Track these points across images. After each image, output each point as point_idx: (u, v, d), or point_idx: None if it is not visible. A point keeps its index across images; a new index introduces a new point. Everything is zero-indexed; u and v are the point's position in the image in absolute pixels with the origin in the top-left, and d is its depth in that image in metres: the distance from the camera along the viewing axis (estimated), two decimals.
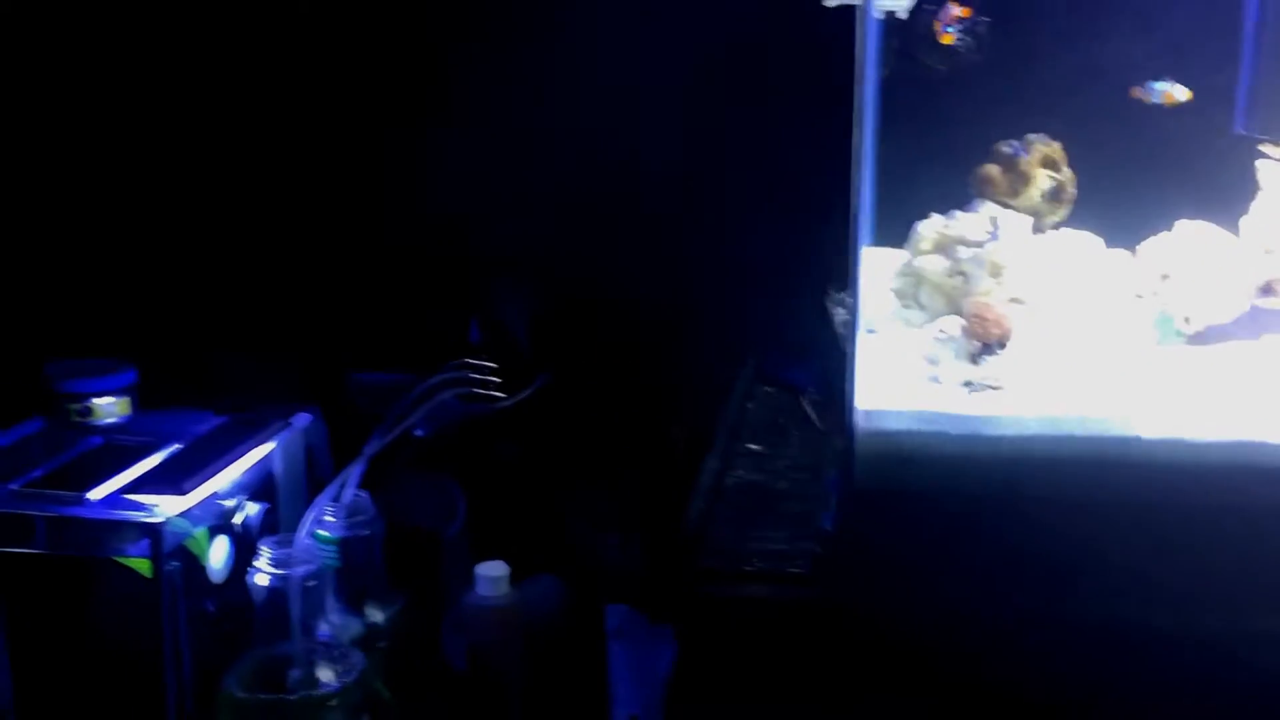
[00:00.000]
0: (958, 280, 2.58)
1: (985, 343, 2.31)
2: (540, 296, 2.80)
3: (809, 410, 2.62)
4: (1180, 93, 2.61)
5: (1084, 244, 2.71)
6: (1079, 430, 2.23)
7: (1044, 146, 2.67)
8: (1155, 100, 2.60)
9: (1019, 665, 2.19)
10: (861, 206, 2.16)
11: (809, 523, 2.32)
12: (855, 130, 2.11)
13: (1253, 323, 2.58)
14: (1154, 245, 2.64)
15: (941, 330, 2.34)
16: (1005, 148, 2.65)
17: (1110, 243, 2.76)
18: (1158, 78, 2.61)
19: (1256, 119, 2.84)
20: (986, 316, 2.32)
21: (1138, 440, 2.21)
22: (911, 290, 2.61)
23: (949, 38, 2.37)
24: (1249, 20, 2.82)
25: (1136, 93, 2.63)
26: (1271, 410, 2.23)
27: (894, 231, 2.69)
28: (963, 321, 2.35)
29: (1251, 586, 2.16)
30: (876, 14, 2.18)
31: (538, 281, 2.80)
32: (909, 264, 2.61)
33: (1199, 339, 2.52)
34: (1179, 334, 2.51)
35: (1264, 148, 2.71)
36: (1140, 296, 2.64)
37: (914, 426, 2.24)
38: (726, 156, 2.79)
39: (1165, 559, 2.17)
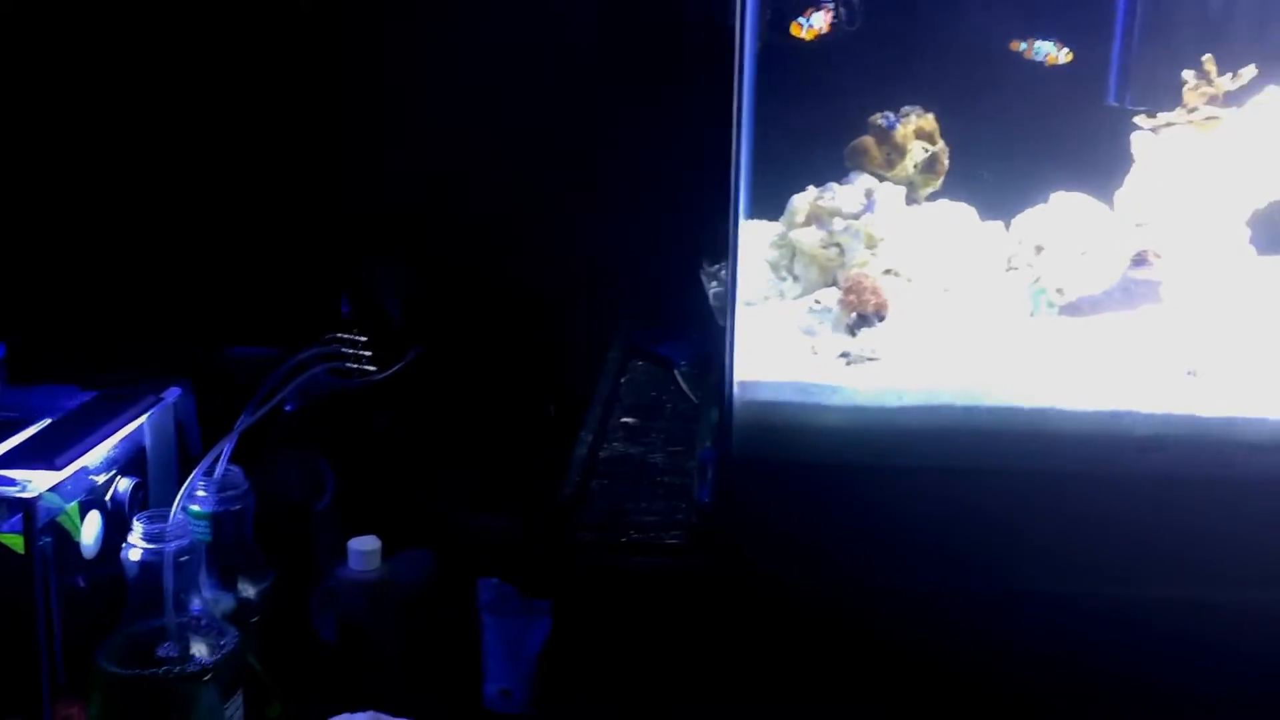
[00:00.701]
0: (833, 252, 2.52)
1: (861, 314, 2.25)
2: (413, 271, 2.71)
3: (682, 383, 2.56)
4: (1063, 55, 2.57)
5: (959, 215, 2.67)
6: (954, 401, 2.17)
7: (918, 118, 2.62)
8: (1038, 58, 2.56)
9: (895, 633, 2.16)
10: (739, 179, 2.09)
11: (684, 495, 2.26)
12: (734, 103, 2.04)
13: (1125, 294, 2.56)
14: (1028, 217, 2.60)
15: (817, 302, 2.28)
16: (879, 120, 2.59)
17: (985, 214, 2.71)
18: (1045, 36, 2.58)
19: (1129, 91, 2.82)
20: (863, 288, 2.26)
21: (1012, 410, 2.16)
22: (787, 262, 2.55)
23: (811, 32, 2.31)
24: None
25: (1018, 45, 2.59)
26: (1141, 379, 2.20)
27: (770, 204, 2.62)
28: (839, 293, 2.28)
29: (1126, 552, 2.12)
30: None
31: (410, 256, 2.72)
32: (784, 236, 2.54)
33: (1072, 310, 2.48)
34: (1051, 305, 2.47)
35: (1137, 120, 2.70)
36: (1015, 268, 2.61)
37: (790, 398, 2.17)
38: (600, 130, 2.71)
39: (1040, 527, 2.13)
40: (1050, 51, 2.57)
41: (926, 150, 2.60)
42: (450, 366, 2.64)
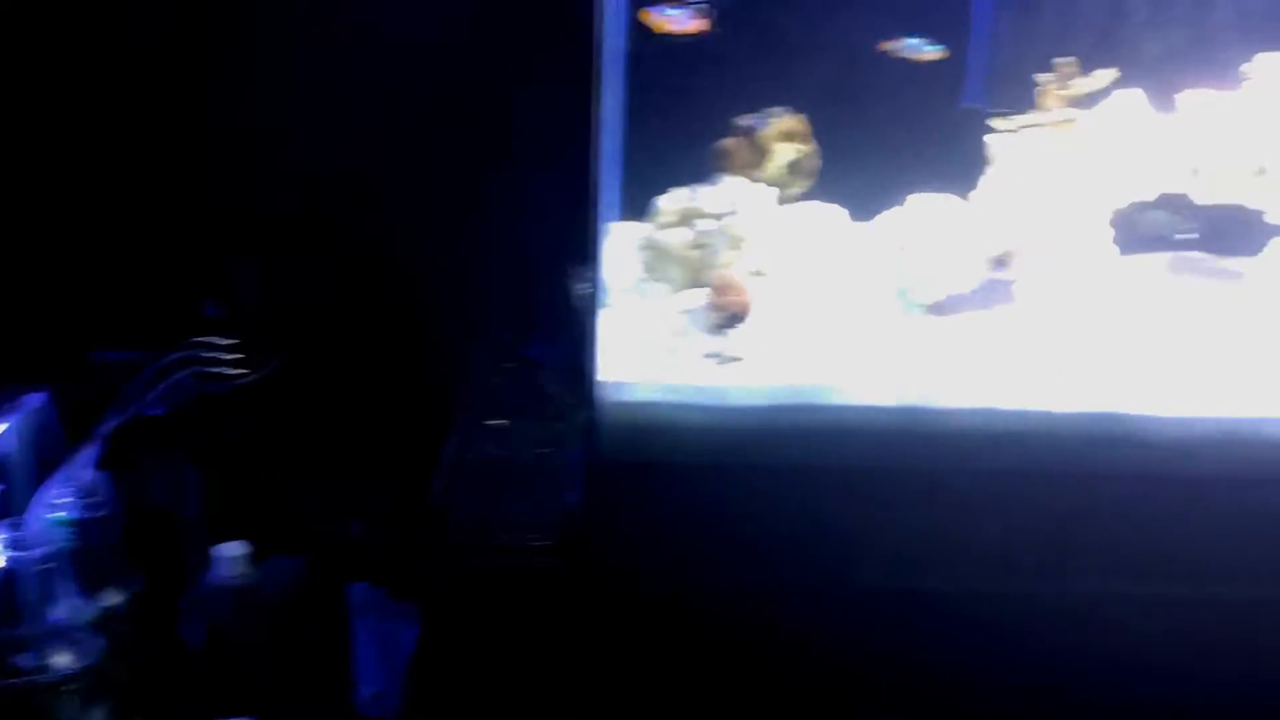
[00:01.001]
0: (700, 253, 2.51)
1: (727, 315, 2.24)
2: (280, 274, 2.65)
3: (551, 385, 2.54)
4: (933, 51, 2.59)
5: (826, 216, 2.68)
6: (819, 400, 2.18)
7: (785, 120, 2.62)
8: (909, 55, 2.58)
9: (764, 630, 2.16)
10: (602, 180, 2.08)
11: (553, 496, 2.24)
12: (594, 104, 2.02)
13: (987, 293, 2.58)
14: (893, 217, 2.61)
15: (682, 302, 2.27)
16: (745, 121, 2.58)
17: (853, 215, 2.72)
18: (912, 34, 2.60)
19: (988, 93, 2.85)
20: (729, 289, 2.26)
21: (876, 409, 2.18)
22: (654, 263, 2.53)
23: (666, 24, 2.29)
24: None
25: (887, 46, 2.61)
26: (1002, 377, 2.22)
27: (639, 206, 2.59)
28: (706, 294, 2.27)
29: (989, 547, 2.15)
30: None
31: (278, 259, 2.65)
32: (651, 237, 2.53)
33: (937, 309, 2.50)
34: (916, 305, 2.49)
35: (996, 120, 2.73)
36: (880, 268, 2.62)
37: (657, 398, 2.16)
38: (471, 132, 2.67)
39: (904, 523, 2.15)
40: (921, 48, 2.59)
41: (794, 152, 2.60)
42: (319, 370, 2.59)
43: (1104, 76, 2.59)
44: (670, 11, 2.28)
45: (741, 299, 2.25)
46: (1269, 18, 2.66)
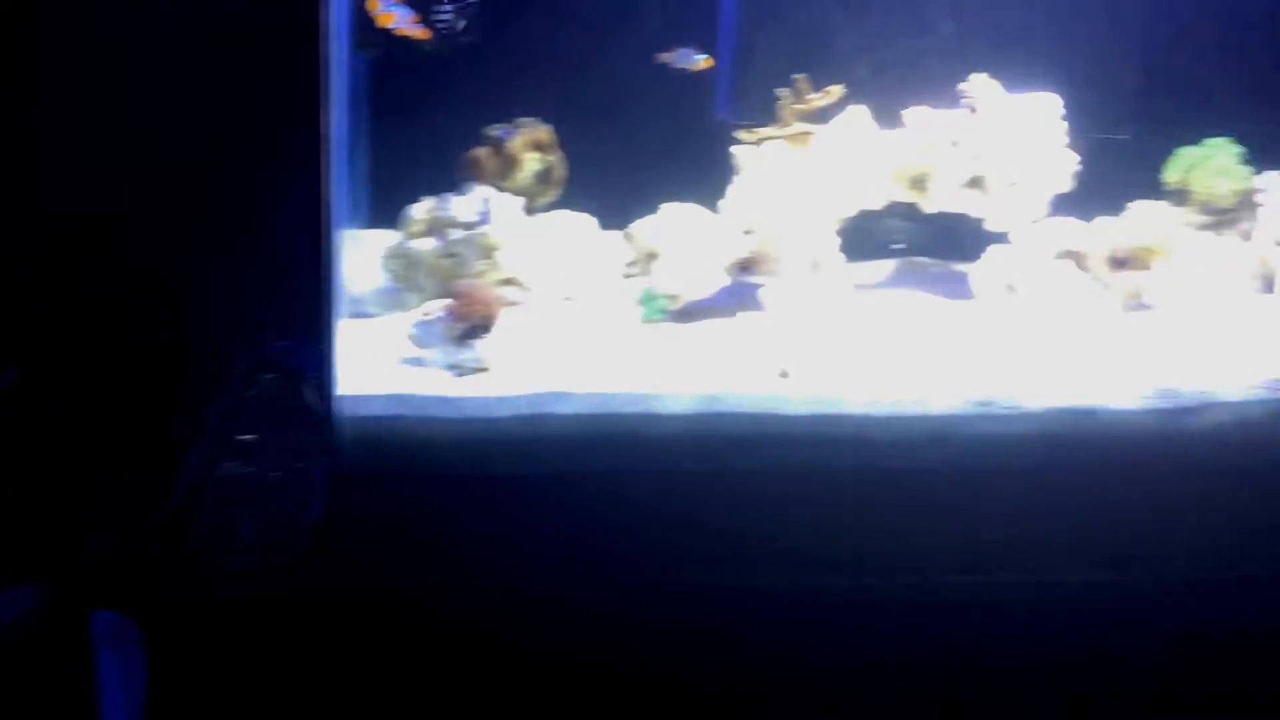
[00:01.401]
0: (450, 262, 2.47)
1: (471, 324, 2.19)
2: (12, 289, 2.50)
3: (309, 396, 2.45)
4: (703, 61, 2.60)
5: (577, 225, 2.67)
6: (562, 409, 2.14)
7: (533, 130, 2.59)
8: (682, 65, 2.59)
9: (519, 641, 2.12)
10: (334, 186, 2.00)
11: (299, 514, 2.16)
12: (322, 113, 1.95)
13: (731, 298, 2.60)
14: (642, 226, 2.61)
15: (426, 313, 2.21)
16: (494, 131, 2.55)
17: (603, 224, 2.72)
18: (683, 44, 2.60)
19: (736, 106, 2.88)
20: (472, 298, 2.20)
21: (615, 416, 2.15)
22: (406, 272, 2.48)
23: (388, 18, 2.24)
24: (725, 13, 2.86)
25: (664, 58, 2.61)
26: (739, 380, 2.22)
27: (391, 214, 2.55)
28: (448, 303, 2.22)
29: (730, 544, 2.14)
30: None
31: (10, 274, 2.50)
32: (401, 246, 2.48)
33: (683, 315, 2.51)
34: (661, 311, 2.49)
35: (741, 133, 2.75)
36: (630, 275, 2.62)
37: (399, 411, 2.11)
38: (207, 141, 2.57)
39: (650, 524, 2.13)
40: (692, 58, 2.60)
41: (542, 161, 2.58)
42: (58, 387, 2.44)
43: (834, 92, 2.64)
44: (394, 7, 2.22)
45: (486, 309, 2.20)
46: (981, 41, 2.76)
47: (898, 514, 2.16)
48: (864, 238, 2.81)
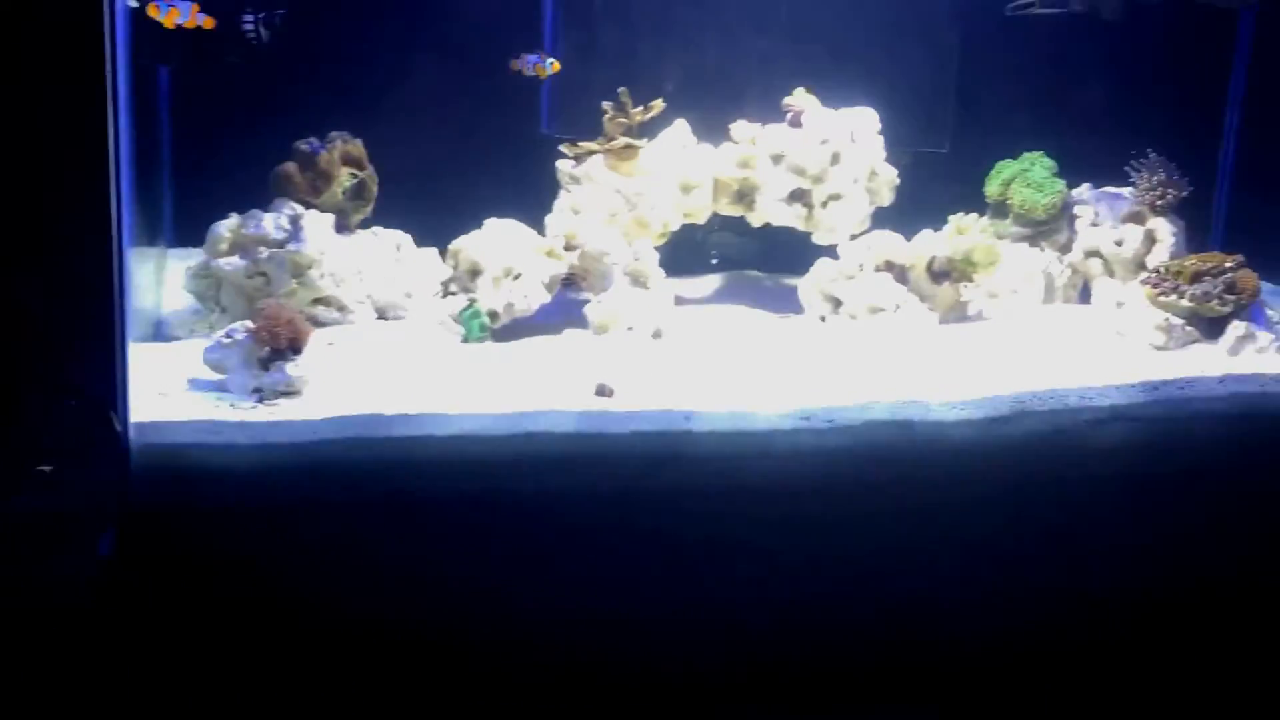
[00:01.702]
0: (259, 281, 2.35)
1: (276, 347, 2.07)
2: None
3: (103, 424, 2.30)
4: (550, 66, 2.53)
5: (394, 241, 2.56)
6: (369, 433, 2.02)
7: (345, 144, 2.47)
8: (531, 71, 2.51)
9: (312, 675, 2.00)
10: (121, 204, 1.87)
11: (91, 547, 2.01)
12: (109, 131, 1.81)
13: (557, 314, 2.53)
14: (464, 242, 2.52)
15: (228, 335, 2.08)
16: (304, 145, 2.42)
17: (423, 240, 2.62)
18: (531, 51, 2.53)
19: (558, 121, 2.81)
20: (276, 320, 2.07)
21: (425, 439, 2.04)
22: (212, 293, 2.36)
23: (172, 15, 2.11)
24: (548, 29, 2.79)
25: (516, 65, 2.52)
26: (557, 398, 2.15)
27: (198, 232, 2.41)
28: (250, 325, 2.09)
29: (540, 568, 2.08)
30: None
31: None
32: (206, 265, 2.35)
33: (506, 332, 2.42)
34: (483, 329, 2.40)
35: (565, 147, 2.68)
36: (452, 293, 2.52)
37: (199, 439, 1.97)
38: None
39: (472, 554, 2.05)
40: (539, 63, 2.53)
41: (354, 176, 2.47)
42: None
43: (656, 106, 2.59)
44: (175, 3, 2.10)
45: (294, 330, 2.08)
46: (801, 56, 2.75)
47: (722, 528, 2.11)
48: (694, 252, 2.78)
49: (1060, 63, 2.94)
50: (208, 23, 2.13)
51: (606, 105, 2.59)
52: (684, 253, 2.74)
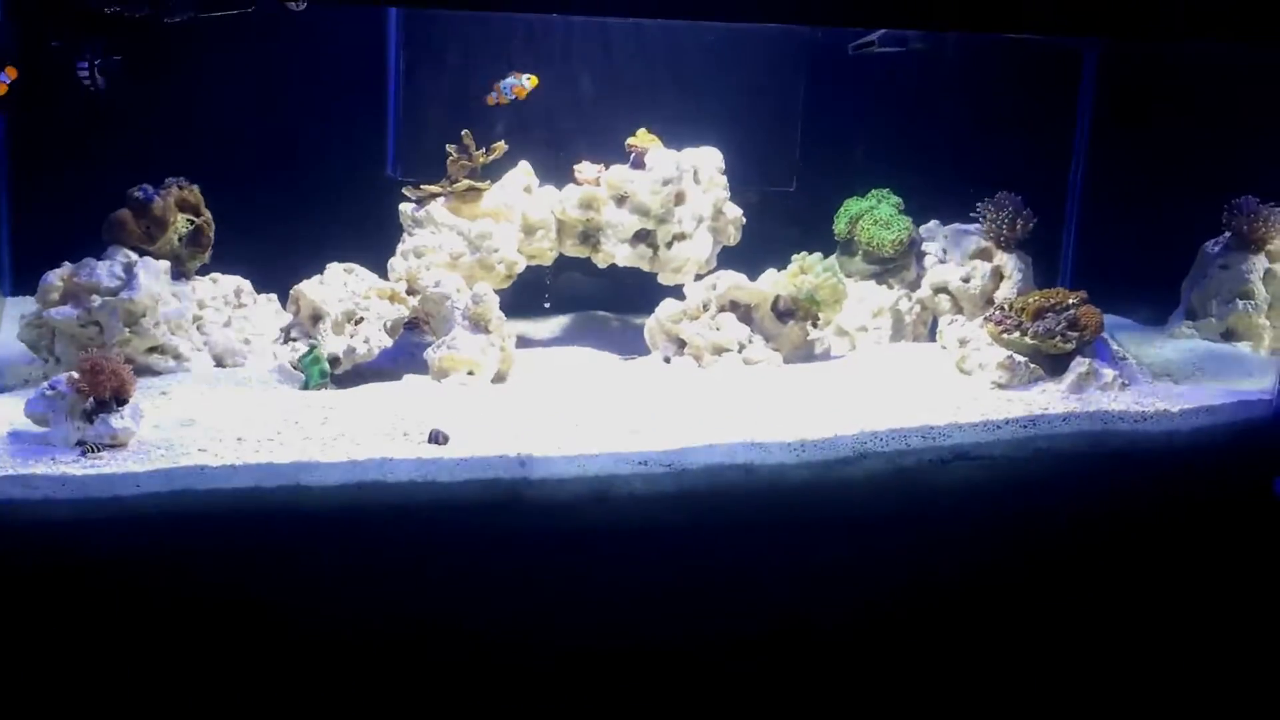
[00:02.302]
0: (92, 330, 2.28)
1: (100, 398, 2.00)
2: None
3: None
4: (528, 82, 2.52)
5: (231, 287, 2.50)
6: (201, 484, 1.96)
7: (180, 190, 2.41)
8: (510, 96, 2.51)
9: None
10: None
11: None
12: None
13: (403, 355, 2.49)
14: (305, 287, 2.46)
15: (51, 387, 2.01)
16: (137, 192, 2.36)
17: (266, 285, 2.58)
18: (503, 77, 2.52)
19: (403, 164, 2.76)
20: (99, 370, 2.00)
21: (256, 491, 1.98)
22: (46, 342, 2.28)
23: None
24: (392, 73, 2.75)
25: (493, 99, 2.52)
26: (392, 446, 2.10)
27: (29, 281, 2.35)
28: (72, 376, 2.02)
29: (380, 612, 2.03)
30: None
31: None
32: (38, 315, 2.28)
33: (347, 378, 2.37)
34: (324, 375, 2.35)
35: (408, 190, 2.64)
36: (293, 339, 2.46)
37: (13, 494, 1.90)
38: None
39: (304, 597, 1.99)
40: (516, 84, 2.50)
41: (191, 222, 2.41)
42: None
43: (498, 148, 2.57)
44: None
45: (117, 379, 2.01)
46: (647, 100, 2.75)
47: (558, 578, 2.08)
48: (540, 293, 2.75)
49: (906, 101, 2.96)
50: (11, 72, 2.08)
51: (450, 147, 2.57)
52: (531, 294, 2.71)
